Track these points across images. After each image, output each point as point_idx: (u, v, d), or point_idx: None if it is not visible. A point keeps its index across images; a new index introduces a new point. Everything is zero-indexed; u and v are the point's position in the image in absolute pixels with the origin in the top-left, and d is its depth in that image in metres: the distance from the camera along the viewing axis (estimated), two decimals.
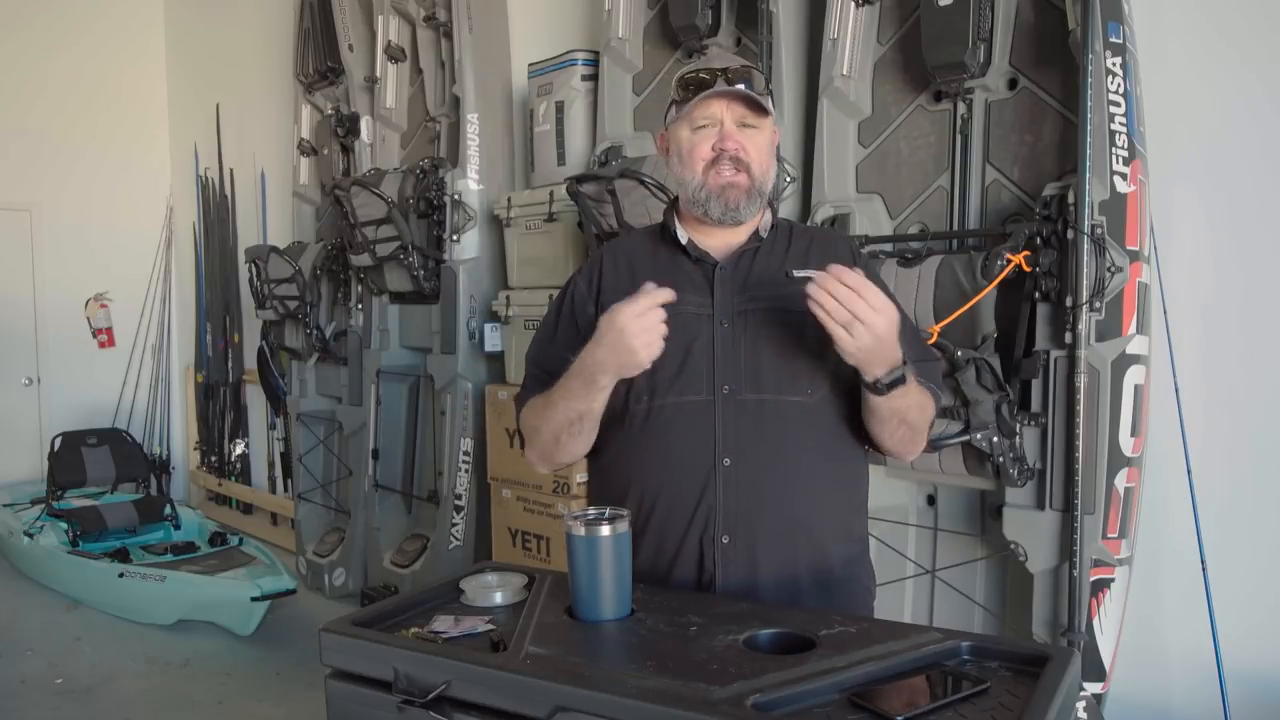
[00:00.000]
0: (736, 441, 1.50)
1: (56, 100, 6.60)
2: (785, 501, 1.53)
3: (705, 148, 1.54)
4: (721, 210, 1.54)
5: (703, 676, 1.12)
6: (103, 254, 6.72)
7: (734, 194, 1.54)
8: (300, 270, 4.77)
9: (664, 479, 1.53)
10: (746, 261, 1.58)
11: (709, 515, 1.51)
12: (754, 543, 1.52)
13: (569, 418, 1.53)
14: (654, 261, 1.61)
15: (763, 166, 1.56)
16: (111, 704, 3.65)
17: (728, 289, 1.56)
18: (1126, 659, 2.46)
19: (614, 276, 1.62)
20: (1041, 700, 1.06)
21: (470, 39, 4.04)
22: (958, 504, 2.76)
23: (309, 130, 5.25)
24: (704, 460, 1.51)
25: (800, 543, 1.54)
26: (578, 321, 1.62)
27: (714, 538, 1.51)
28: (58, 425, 6.07)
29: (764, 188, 1.57)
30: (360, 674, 1.27)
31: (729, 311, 1.54)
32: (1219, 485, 2.46)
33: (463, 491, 4.08)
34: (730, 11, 3.18)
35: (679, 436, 1.52)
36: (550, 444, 1.60)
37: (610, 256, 1.67)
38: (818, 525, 1.56)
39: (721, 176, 1.53)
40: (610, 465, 1.62)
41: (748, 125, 1.55)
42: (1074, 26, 2.34)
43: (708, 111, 1.54)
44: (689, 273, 1.58)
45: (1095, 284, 2.29)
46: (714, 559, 1.51)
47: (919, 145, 2.74)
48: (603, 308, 1.55)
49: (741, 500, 1.51)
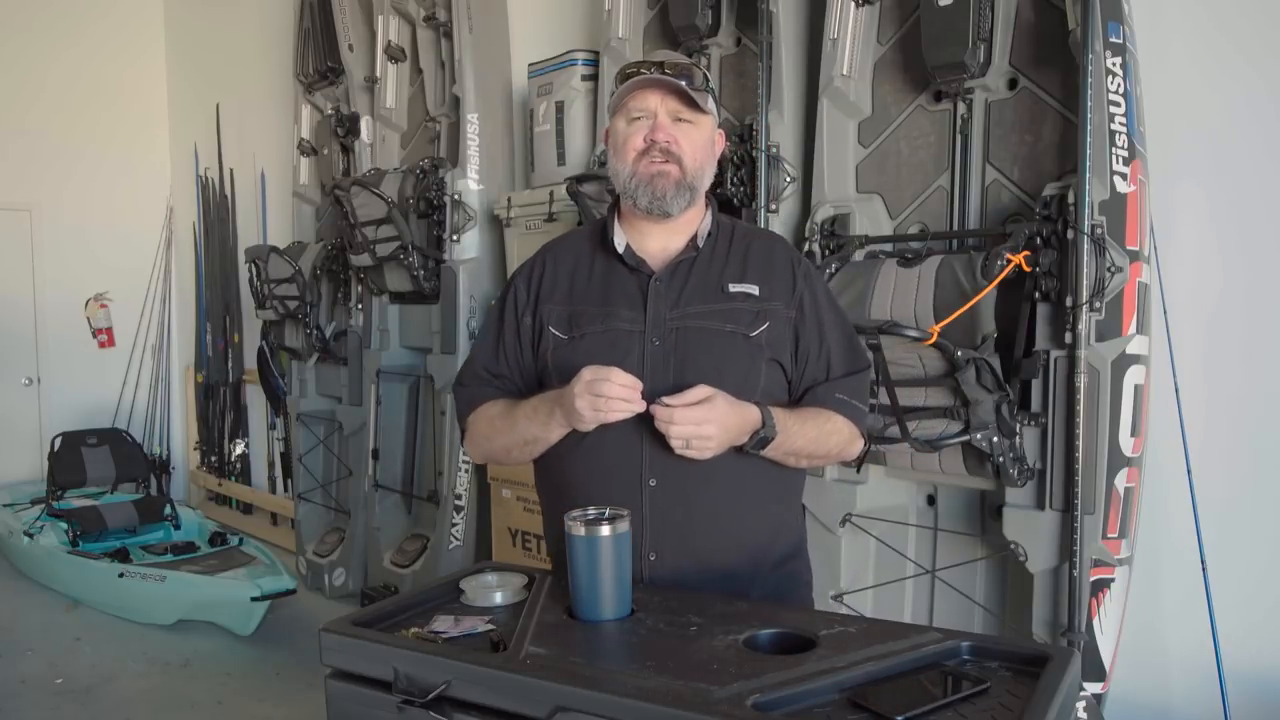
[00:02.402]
0: (663, 462, 1.50)
1: (56, 100, 6.60)
2: (712, 520, 1.54)
3: (638, 138, 1.55)
4: (649, 199, 1.55)
5: (703, 676, 1.12)
6: (103, 254, 6.72)
7: (662, 183, 1.54)
8: (300, 270, 4.77)
9: (593, 493, 1.52)
10: (683, 273, 1.59)
11: (636, 533, 1.50)
12: (681, 560, 1.53)
13: (526, 437, 1.57)
14: (591, 269, 1.62)
15: (696, 161, 1.56)
16: (111, 704, 3.64)
17: (661, 304, 1.56)
18: (1126, 659, 2.46)
19: (552, 283, 1.64)
20: (1041, 700, 1.06)
21: (470, 39, 4.04)
22: (958, 504, 2.76)
23: (309, 130, 5.25)
24: (630, 479, 1.53)
25: (730, 556, 1.55)
26: (518, 327, 1.64)
27: (641, 554, 1.52)
28: (58, 425, 6.07)
29: (696, 183, 1.57)
30: (360, 674, 1.27)
31: (661, 328, 1.55)
32: (1219, 485, 2.46)
33: (463, 491, 4.08)
34: (730, 11, 3.18)
35: (609, 454, 1.54)
36: (500, 451, 1.64)
37: (551, 260, 1.67)
38: (747, 538, 1.57)
39: (651, 166, 1.54)
40: (548, 471, 1.65)
41: (683, 120, 1.56)
42: (1074, 26, 2.34)
43: (643, 104, 1.56)
44: (624, 283, 1.59)
45: (1095, 284, 2.28)
46: (641, 574, 1.52)
47: (919, 145, 2.74)
48: (540, 316, 1.62)
49: (667, 520, 1.52)
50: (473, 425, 1.67)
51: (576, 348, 1.56)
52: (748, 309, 1.56)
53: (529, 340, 1.63)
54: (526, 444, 1.58)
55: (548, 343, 1.60)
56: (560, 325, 1.60)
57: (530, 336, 1.63)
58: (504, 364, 1.66)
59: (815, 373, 1.59)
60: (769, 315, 1.56)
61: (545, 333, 1.61)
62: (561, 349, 1.58)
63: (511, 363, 1.65)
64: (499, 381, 1.65)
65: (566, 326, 1.59)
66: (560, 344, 1.59)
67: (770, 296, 1.58)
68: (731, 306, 1.56)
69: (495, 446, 1.64)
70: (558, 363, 1.58)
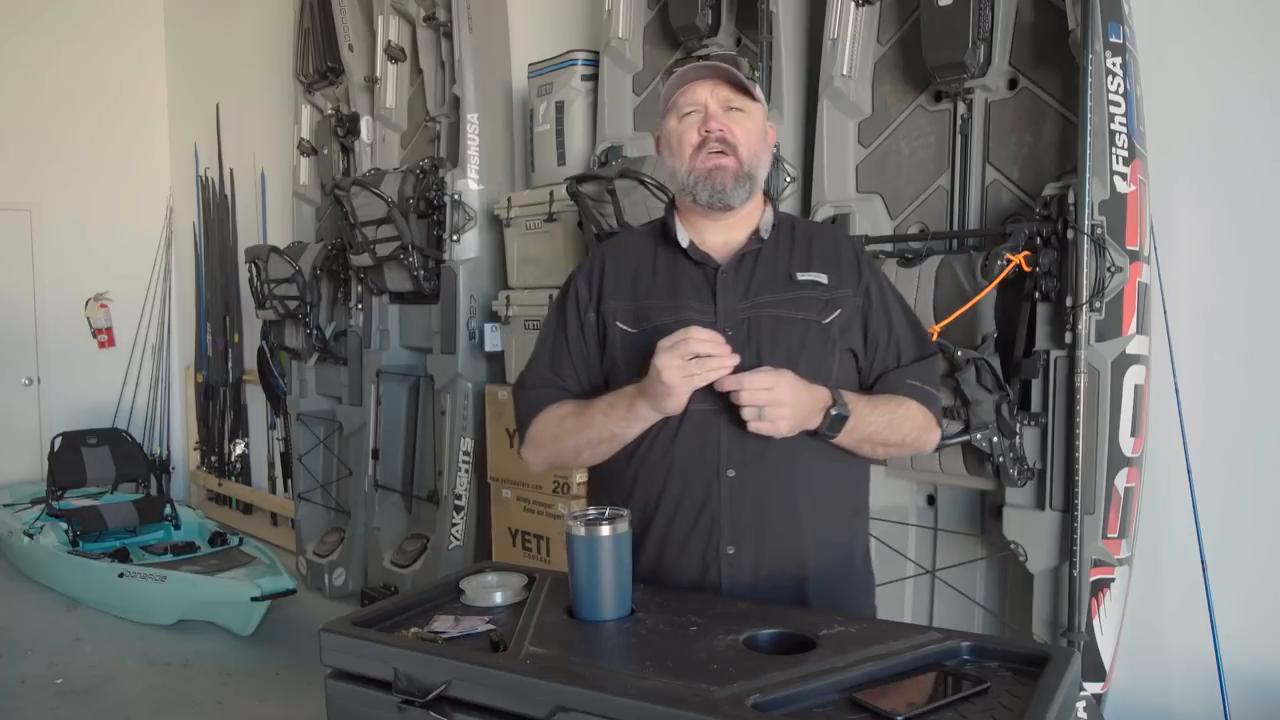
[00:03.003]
0: (741, 452, 1.49)
1: (56, 100, 6.60)
2: (790, 511, 1.52)
3: (692, 133, 1.54)
4: (709, 194, 1.53)
5: (703, 676, 1.12)
6: (103, 254, 6.72)
7: (721, 176, 1.52)
8: (300, 270, 4.77)
9: (667, 489, 1.52)
10: (749, 265, 1.57)
11: (712, 526, 1.51)
12: (759, 552, 1.51)
13: (601, 435, 1.53)
14: (655, 265, 1.60)
15: (751, 150, 1.55)
16: (111, 704, 3.64)
17: (730, 295, 1.54)
18: (1126, 659, 2.46)
19: (615, 280, 1.61)
20: (1041, 700, 1.06)
21: (470, 39, 4.04)
22: (958, 504, 2.76)
23: (309, 130, 5.25)
24: (708, 471, 1.50)
25: (805, 549, 1.53)
26: (581, 326, 1.61)
27: (719, 548, 1.51)
28: (58, 425, 6.07)
29: (754, 171, 1.55)
30: (360, 674, 1.27)
31: (733, 318, 1.52)
32: (1219, 485, 2.46)
33: (463, 491, 4.08)
34: (730, 11, 3.18)
35: (683, 447, 1.51)
36: (569, 453, 1.59)
37: (612, 258, 1.65)
38: (821, 532, 1.55)
39: (708, 160, 1.53)
40: (613, 471, 1.60)
41: (734, 109, 1.54)
42: (1074, 26, 2.34)
43: (692, 98, 1.55)
44: (691, 277, 1.57)
45: (1095, 284, 2.29)
46: (719, 569, 1.51)
47: (919, 145, 2.74)
48: (604, 313, 1.58)
49: (746, 512, 1.50)
50: (537, 428, 1.61)
51: (649, 340, 1.48)
52: (818, 297, 1.54)
53: (594, 338, 1.60)
54: (602, 442, 1.54)
55: (615, 338, 1.57)
56: (628, 320, 1.57)
57: (595, 334, 1.60)
58: (568, 365, 1.61)
59: (886, 360, 1.58)
60: (839, 303, 1.55)
61: (611, 329, 1.57)
62: (632, 342, 1.55)
63: (576, 362, 1.61)
64: (563, 383, 1.61)
65: (634, 320, 1.56)
66: (630, 338, 1.56)
67: (839, 284, 1.56)
68: (802, 295, 1.54)
69: (565, 447, 1.59)
70: (629, 357, 1.54)
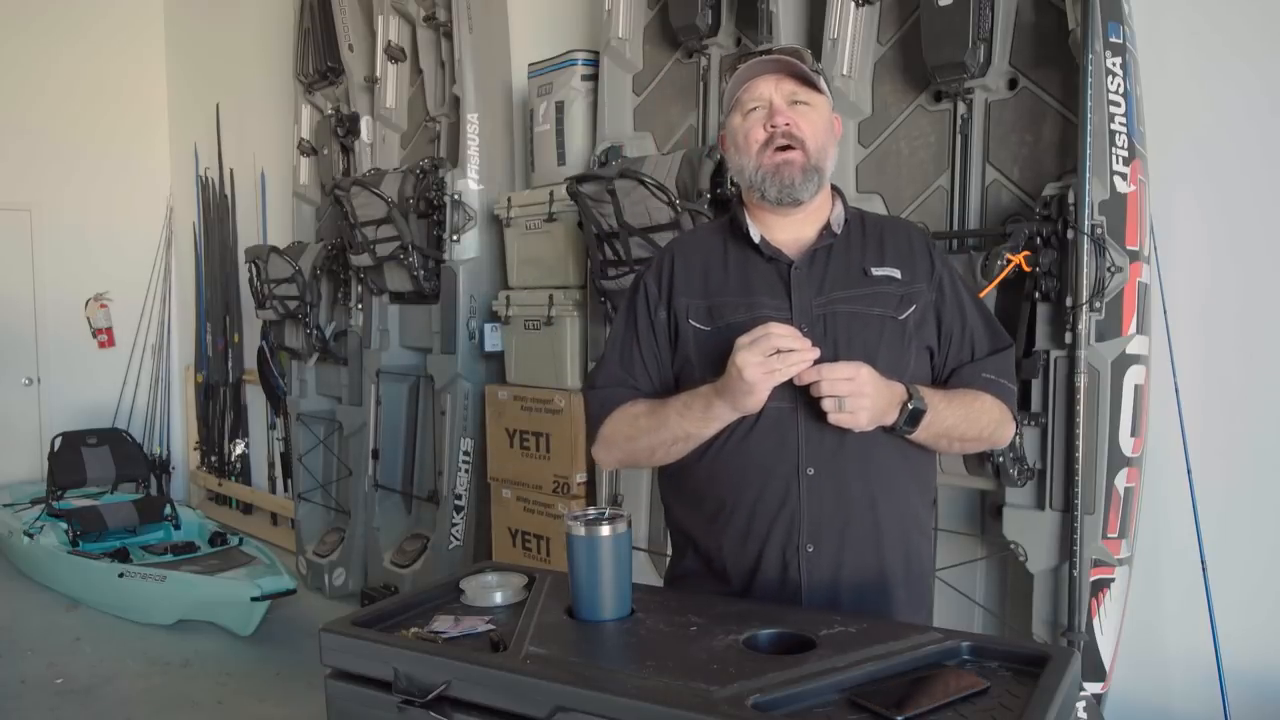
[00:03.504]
0: (819, 450, 1.48)
1: (56, 100, 6.60)
2: (868, 508, 1.51)
3: (758, 130, 1.52)
4: (778, 190, 1.51)
5: (703, 676, 1.12)
6: (102, 254, 6.72)
7: (788, 171, 1.51)
8: (300, 270, 4.77)
9: (745, 487, 1.51)
10: (821, 260, 1.55)
11: (792, 523, 1.49)
12: (839, 549, 1.50)
13: (676, 435, 1.51)
14: (725, 261, 1.58)
15: (818, 142, 1.53)
16: (111, 704, 3.64)
17: (805, 291, 1.52)
18: (1126, 659, 2.46)
19: (685, 278, 1.59)
20: (1041, 700, 1.06)
21: (470, 39, 4.04)
22: (958, 504, 2.76)
23: (309, 130, 5.25)
24: (787, 469, 1.49)
25: (884, 545, 1.53)
26: (652, 324, 1.60)
27: (798, 546, 1.50)
28: (58, 425, 6.07)
29: (821, 164, 1.54)
30: (360, 674, 1.27)
31: (808, 315, 1.51)
32: (1219, 485, 2.46)
33: (463, 491, 4.08)
34: (730, 11, 3.18)
35: (760, 445, 1.50)
36: (643, 452, 1.58)
37: (681, 256, 1.63)
38: (898, 527, 1.55)
39: (776, 156, 1.51)
40: (685, 469, 1.58)
41: (799, 102, 1.53)
42: (1074, 26, 2.34)
43: (756, 94, 1.53)
44: (763, 273, 1.55)
45: (1095, 284, 2.29)
46: (799, 567, 1.50)
47: (919, 145, 2.74)
48: (675, 311, 1.57)
49: (825, 509, 1.49)
50: (609, 427, 1.59)
51: (723, 337, 1.48)
52: (893, 292, 1.53)
53: (665, 336, 1.59)
54: (676, 442, 1.52)
55: (687, 336, 1.56)
56: (700, 317, 1.55)
57: (666, 332, 1.59)
58: (639, 363, 1.60)
59: (961, 353, 1.57)
60: (914, 298, 1.54)
61: (684, 327, 1.56)
62: (705, 340, 1.54)
63: (649, 361, 1.60)
64: (635, 381, 1.60)
65: (707, 318, 1.55)
66: (703, 335, 1.54)
67: (913, 279, 1.55)
68: (877, 290, 1.53)
69: (639, 447, 1.57)
70: (703, 354, 1.53)
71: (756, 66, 1.54)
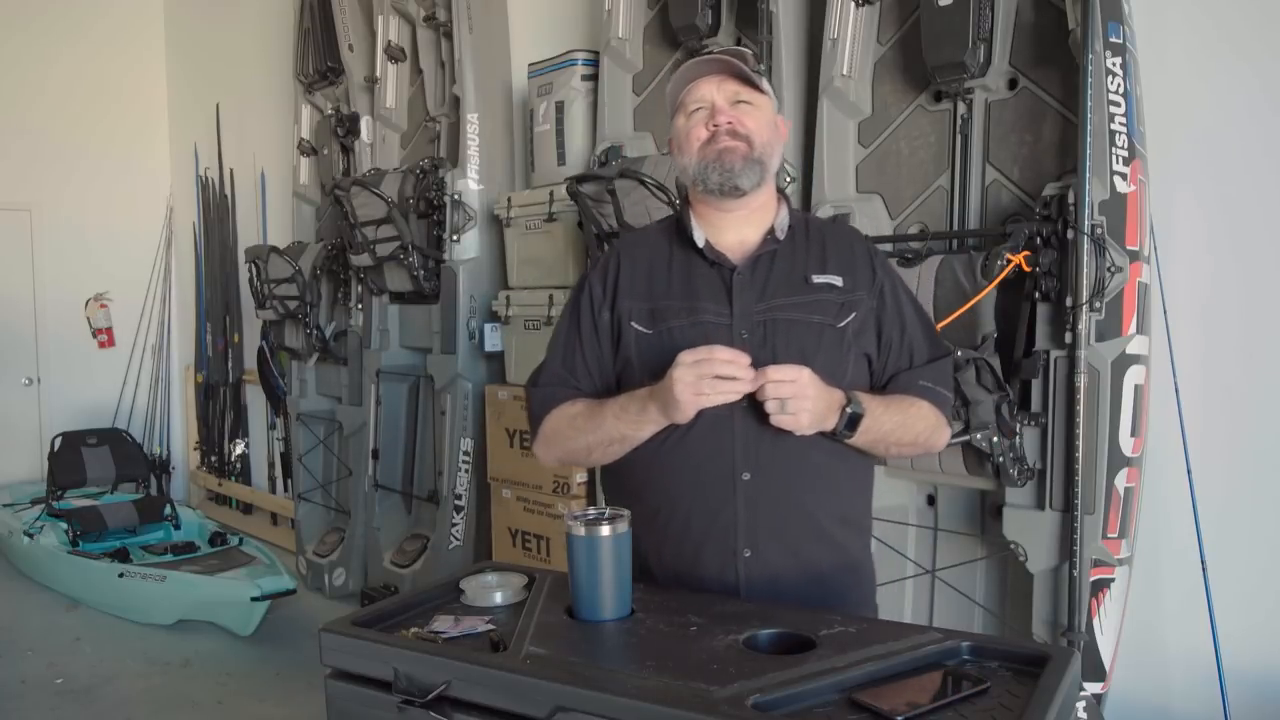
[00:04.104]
0: (756, 455, 1.49)
1: (56, 100, 6.60)
2: (804, 513, 1.53)
3: (700, 129, 1.54)
4: (719, 175, 1.52)
5: (703, 676, 1.12)
6: (102, 254, 6.72)
7: (730, 157, 1.51)
8: (300, 270, 4.77)
9: (682, 490, 1.52)
10: (764, 265, 1.56)
11: (729, 529, 1.50)
12: (776, 554, 1.51)
13: (612, 436, 1.53)
14: (670, 264, 1.59)
15: (763, 138, 1.54)
16: (111, 704, 3.64)
17: (746, 297, 1.53)
18: (1126, 659, 2.46)
19: (630, 280, 1.60)
20: (1041, 700, 1.06)
21: (470, 39, 4.04)
22: (958, 504, 2.76)
23: (309, 130, 5.25)
24: (723, 474, 1.50)
25: (820, 550, 1.54)
26: (595, 325, 1.60)
27: (736, 550, 1.51)
28: (58, 425, 6.07)
29: (765, 159, 1.54)
30: (360, 674, 1.27)
31: (749, 320, 1.52)
32: (1219, 485, 2.46)
33: (463, 491, 4.08)
34: (730, 11, 3.18)
35: (697, 449, 1.51)
36: (580, 451, 1.59)
37: (627, 257, 1.64)
38: (836, 530, 1.56)
39: (719, 143, 1.52)
40: (625, 470, 1.59)
41: (742, 102, 1.54)
42: (1074, 26, 2.34)
43: (698, 95, 1.55)
44: (706, 278, 1.56)
45: (1095, 284, 2.29)
46: (736, 570, 1.51)
47: (919, 145, 2.74)
48: (619, 313, 1.58)
49: (762, 515, 1.50)
50: (549, 425, 1.61)
51: (663, 341, 1.51)
52: (833, 300, 1.54)
53: (608, 338, 1.59)
54: (613, 443, 1.53)
55: (629, 338, 1.56)
56: (642, 320, 1.56)
57: (609, 333, 1.59)
58: (581, 364, 1.61)
59: (898, 361, 1.58)
60: (854, 306, 1.55)
61: (626, 329, 1.57)
62: (646, 343, 1.55)
63: (590, 361, 1.60)
64: (576, 382, 1.61)
65: (649, 321, 1.55)
66: (645, 339, 1.55)
67: (854, 287, 1.56)
68: (817, 298, 1.54)
69: (576, 446, 1.58)
70: (643, 357, 1.54)
71: (697, 68, 1.55)
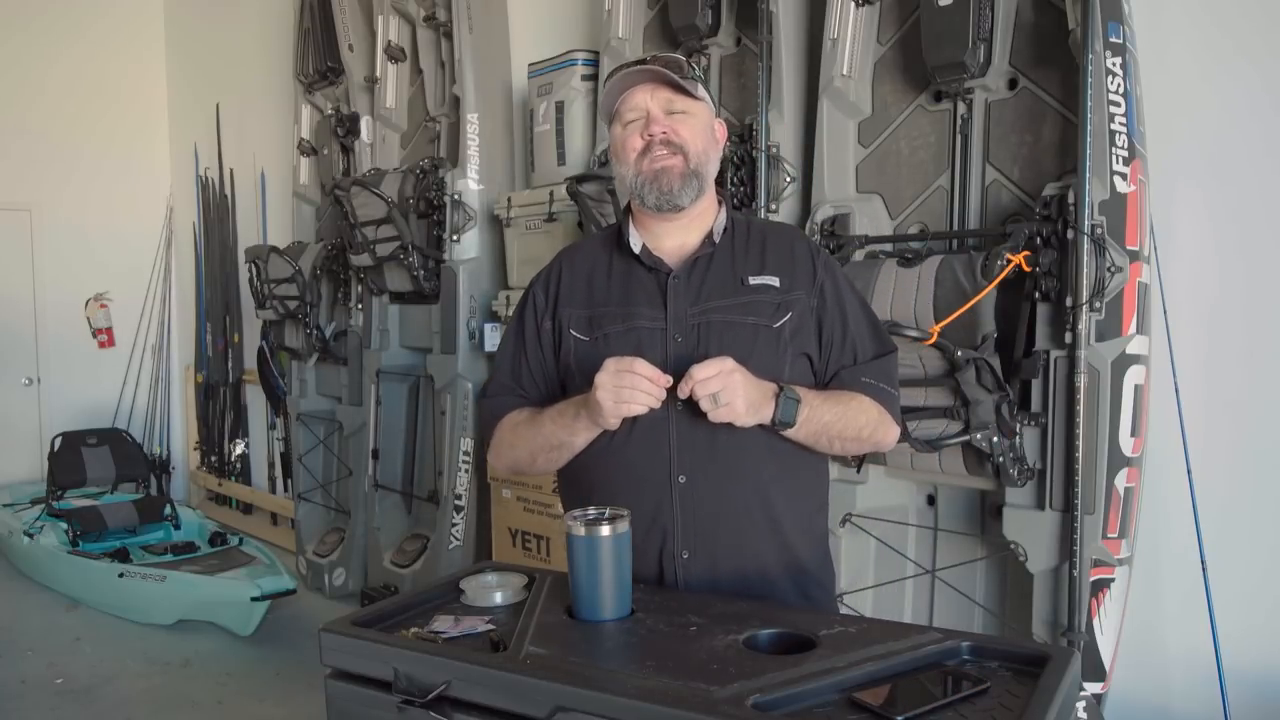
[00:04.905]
0: (691, 459, 1.50)
1: (56, 100, 6.60)
2: (742, 513, 1.53)
3: (635, 139, 1.55)
4: (657, 196, 1.54)
5: (703, 676, 1.12)
6: (102, 254, 6.72)
7: (667, 178, 1.53)
8: (300, 270, 4.77)
9: (620, 494, 1.52)
10: (701, 269, 1.57)
11: (666, 532, 1.52)
12: (714, 556, 1.52)
13: (551, 443, 1.56)
14: (610, 272, 1.61)
15: (698, 146, 1.55)
16: (111, 704, 3.64)
17: (681, 300, 1.55)
18: (1126, 659, 2.46)
19: (570, 288, 1.63)
20: (1041, 700, 1.06)
21: (470, 39, 4.04)
22: (958, 504, 2.76)
23: (309, 130, 5.25)
24: (659, 477, 1.52)
25: (761, 550, 1.54)
26: (539, 333, 1.63)
27: (673, 553, 1.52)
28: (58, 425, 6.07)
29: (701, 169, 1.56)
30: (360, 674, 1.27)
31: (683, 324, 1.54)
32: (1219, 485, 2.46)
33: (463, 491, 4.08)
34: (730, 11, 3.18)
35: (636, 454, 1.53)
36: (525, 459, 1.62)
37: (569, 265, 1.66)
38: (777, 534, 1.56)
39: (655, 162, 1.53)
40: (574, 473, 1.62)
41: (677, 111, 1.55)
42: (1074, 26, 2.34)
43: (633, 104, 1.56)
44: (643, 283, 1.58)
45: (1095, 284, 2.29)
46: (675, 572, 1.52)
47: (919, 145, 2.74)
48: (560, 320, 1.61)
49: (699, 518, 1.52)
50: (497, 435, 1.64)
51: (599, 348, 1.54)
52: (769, 300, 1.55)
53: (550, 345, 1.62)
54: (553, 449, 1.56)
55: (569, 345, 1.59)
56: (580, 327, 1.59)
57: (551, 341, 1.62)
58: (526, 372, 1.64)
59: (841, 359, 1.59)
60: (791, 306, 1.55)
61: (566, 336, 1.60)
62: (584, 350, 1.57)
63: (534, 370, 1.64)
64: (523, 391, 1.64)
65: (587, 328, 1.58)
66: (582, 345, 1.58)
67: (791, 287, 1.56)
68: (753, 299, 1.55)
69: (521, 454, 1.62)
70: (582, 364, 1.56)
71: (628, 78, 1.55)
